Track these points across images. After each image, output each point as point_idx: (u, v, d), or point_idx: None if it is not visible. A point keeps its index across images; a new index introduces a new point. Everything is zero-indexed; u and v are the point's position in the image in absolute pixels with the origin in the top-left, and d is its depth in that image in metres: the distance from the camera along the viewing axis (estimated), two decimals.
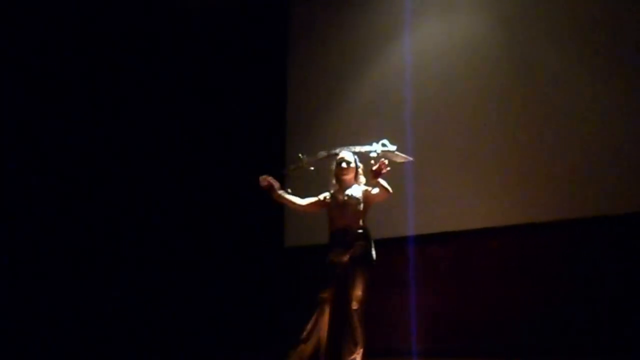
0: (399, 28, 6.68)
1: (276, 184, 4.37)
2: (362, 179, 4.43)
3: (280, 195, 4.39)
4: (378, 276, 6.11)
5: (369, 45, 6.93)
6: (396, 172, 5.92)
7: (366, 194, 4.34)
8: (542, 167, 5.65)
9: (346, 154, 4.44)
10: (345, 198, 4.31)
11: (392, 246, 6.28)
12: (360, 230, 4.28)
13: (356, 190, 4.35)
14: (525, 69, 5.87)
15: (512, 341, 5.49)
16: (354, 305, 4.08)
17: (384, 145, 4.41)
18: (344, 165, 4.38)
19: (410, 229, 6.20)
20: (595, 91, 5.49)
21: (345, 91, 7.04)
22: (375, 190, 4.32)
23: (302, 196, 4.46)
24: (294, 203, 4.45)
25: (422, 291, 6.07)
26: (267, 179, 4.35)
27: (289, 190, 4.44)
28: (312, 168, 4.56)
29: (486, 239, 5.88)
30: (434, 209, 6.18)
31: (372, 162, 4.19)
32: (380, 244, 6.11)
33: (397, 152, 4.44)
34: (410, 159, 4.57)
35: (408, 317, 6.06)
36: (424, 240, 6.16)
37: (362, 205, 4.31)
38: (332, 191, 4.41)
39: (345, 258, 4.18)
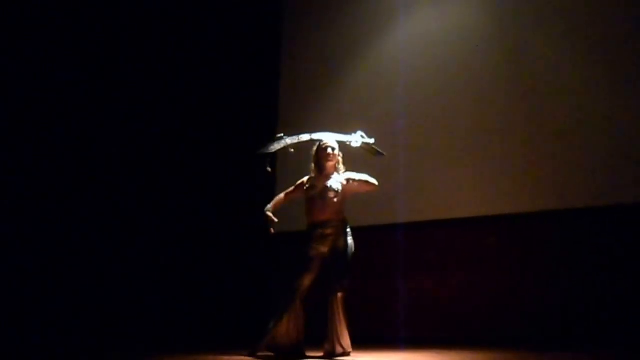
0: (393, 15, 6.69)
1: (270, 216, 4.36)
2: (342, 167, 4.38)
3: (273, 208, 4.40)
4: (367, 263, 6.26)
5: (363, 31, 6.93)
6: (389, 159, 6.01)
7: (348, 185, 4.28)
8: (537, 156, 5.63)
9: (330, 140, 4.35)
10: (326, 189, 4.23)
11: (383, 233, 6.35)
12: (339, 223, 4.24)
13: (336, 181, 4.27)
14: (517, 57, 5.86)
15: (502, 331, 5.53)
16: (335, 295, 4.12)
17: (362, 137, 4.37)
18: (329, 151, 4.28)
19: (402, 216, 6.21)
20: (588, 80, 5.47)
21: (338, 77, 7.04)
22: (359, 179, 4.28)
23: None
24: (281, 200, 4.45)
25: (413, 279, 6.11)
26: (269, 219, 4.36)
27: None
28: (292, 150, 4.48)
29: (480, 227, 5.88)
30: (426, 196, 6.18)
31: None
32: (371, 231, 6.27)
33: (374, 146, 4.40)
34: (384, 154, 4.52)
35: (397, 305, 6.11)
36: (415, 228, 6.17)
37: (341, 196, 4.25)
38: (312, 177, 4.34)
39: (326, 250, 4.16)
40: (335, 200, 4.21)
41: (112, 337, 6.08)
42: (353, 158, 4.55)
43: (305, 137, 4.45)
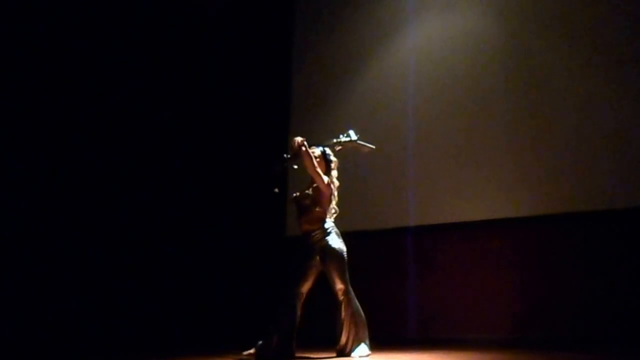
0: (402, 22, 6.76)
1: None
2: (335, 173, 4.37)
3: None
4: (374, 265, 6.26)
5: (372, 38, 6.99)
6: (398, 164, 6.23)
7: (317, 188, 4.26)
8: (544, 160, 5.63)
9: (315, 149, 4.36)
10: (301, 197, 4.27)
11: (391, 236, 6.43)
12: (322, 229, 4.22)
13: (314, 187, 4.25)
14: (522, 63, 5.89)
15: (505, 332, 5.55)
16: (340, 298, 4.14)
17: (347, 135, 4.36)
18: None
19: (410, 220, 6.26)
20: (591, 85, 5.48)
21: (348, 84, 7.10)
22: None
23: None
24: None
25: (423, 281, 6.15)
26: None
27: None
28: (296, 167, 4.43)
29: (487, 231, 5.89)
30: (432, 200, 6.22)
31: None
32: (379, 234, 6.35)
33: (359, 142, 4.38)
34: (373, 147, 4.50)
35: (405, 306, 6.15)
36: (424, 231, 6.22)
37: (315, 201, 4.23)
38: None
39: (317, 258, 4.16)
40: (312, 206, 4.22)
41: (113, 338, 6.10)
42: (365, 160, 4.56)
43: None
